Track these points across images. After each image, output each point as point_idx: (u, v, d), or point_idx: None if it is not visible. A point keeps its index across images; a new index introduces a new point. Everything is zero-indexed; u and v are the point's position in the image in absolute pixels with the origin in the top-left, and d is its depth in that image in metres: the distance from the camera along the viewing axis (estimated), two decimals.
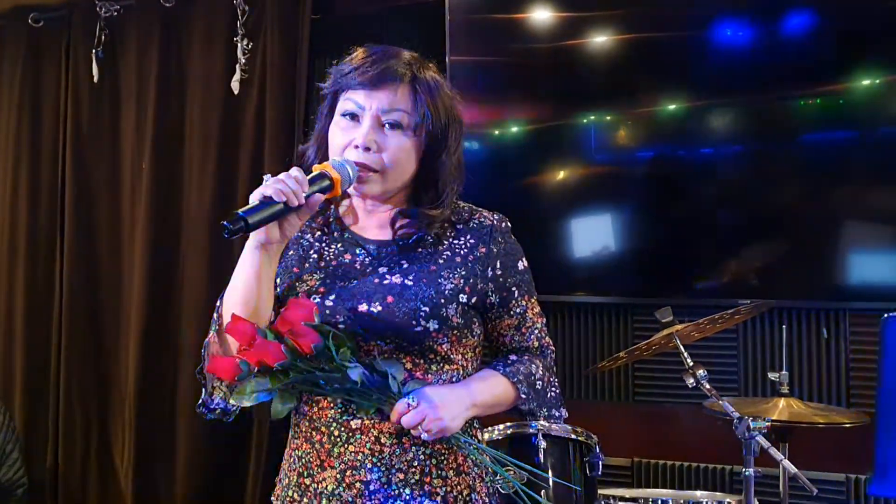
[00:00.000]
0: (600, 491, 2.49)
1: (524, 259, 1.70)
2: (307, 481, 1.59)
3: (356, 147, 1.56)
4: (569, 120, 3.47)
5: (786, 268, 3.16)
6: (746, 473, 2.11)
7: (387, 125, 1.56)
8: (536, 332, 1.71)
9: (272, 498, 1.71)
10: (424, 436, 1.49)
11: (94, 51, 4.27)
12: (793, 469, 1.99)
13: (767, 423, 2.07)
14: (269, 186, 1.46)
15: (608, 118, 3.42)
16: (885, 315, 1.43)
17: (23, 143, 4.44)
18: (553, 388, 1.72)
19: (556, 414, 1.72)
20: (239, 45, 3.95)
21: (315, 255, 1.64)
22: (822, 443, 2.88)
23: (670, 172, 3.34)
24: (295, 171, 1.49)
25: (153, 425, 4.08)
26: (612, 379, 3.44)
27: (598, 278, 3.42)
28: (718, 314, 2.33)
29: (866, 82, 3.03)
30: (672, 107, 3.32)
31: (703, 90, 3.25)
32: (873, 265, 3.06)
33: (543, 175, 3.50)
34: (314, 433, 1.58)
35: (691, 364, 2.21)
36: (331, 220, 1.67)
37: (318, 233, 1.67)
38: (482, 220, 1.66)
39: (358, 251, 1.63)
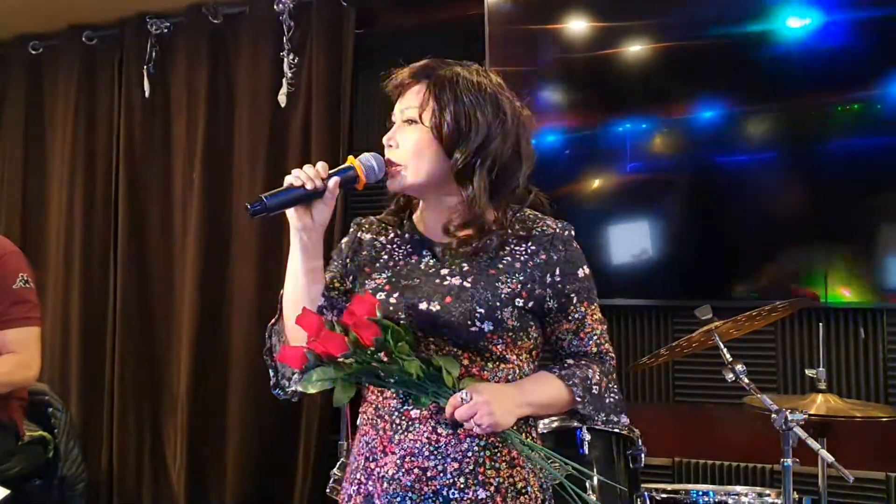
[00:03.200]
0: (642, 486, 2.56)
1: (586, 267, 1.74)
2: (372, 465, 1.67)
3: (387, 147, 1.70)
4: (605, 128, 3.54)
5: (823, 270, 3.20)
6: (785, 464, 2.17)
7: (406, 123, 1.68)
8: (595, 337, 1.73)
9: (333, 483, 1.80)
10: (476, 429, 1.54)
11: (145, 67, 4.42)
12: (830, 458, 2.05)
13: (805, 415, 2.13)
14: (291, 175, 1.60)
15: (644, 126, 3.48)
16: None
17: (78, 157, 4.59)
18: (612, 395, 1.73)
19: (615, 419, 1.73)
20: (285, 59, 4.07)
21: (385, 256, 1.74)
22: (861, 440, 2.91)
23: (706, 179, 3.39)
24: (319, 163, 1.62)
25: (204, 427, 4.20)
26: (652, 380, 3.50)
27: (636, 283, 3.48)
28: (756, 310, 2.39)
29: None
30: (707, 114, 3.36)
31: (738, 97, 3.30)
32: None
33: (581, 183, 3.57)
34: (378, 420, 1.67)
35: (730, 359, 2.27)
36: (404, 222, 1.78)
37: (392, 235, 1.77)
38: (545, 227, 1.72)
39: (424, 252, 1.72)
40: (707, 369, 3.23)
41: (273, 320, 1.74)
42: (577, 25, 3.59)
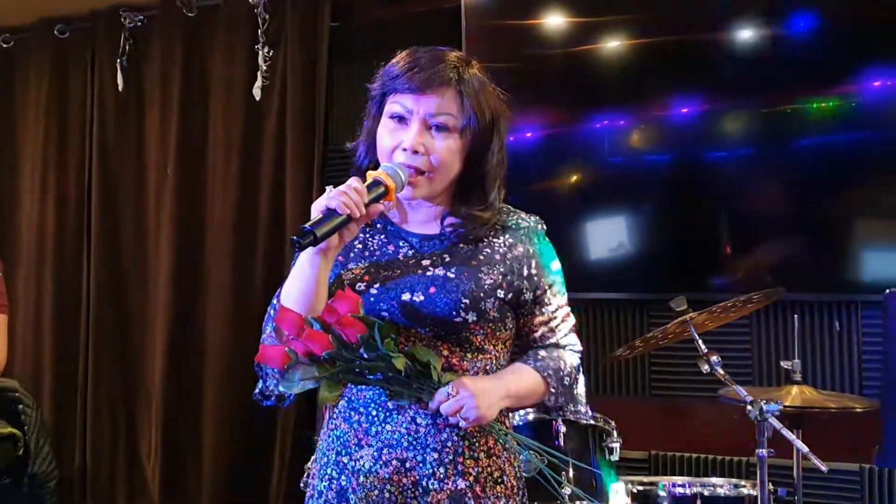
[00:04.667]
0: (619, 478, 2.56)
1: (557, 260, 1.76)
2: (345, 459, 1.65)
3: (404, 150, 1.61)
4: (583, 124, 3.54)
5: (799, 263, 3.23)
6: (760, 455, 2.17)
7: (433, 128, 1.62)
8: (566, 330, 1.77)
9: (307, 478, 1.77)
10: (462, 423, 1.55)
11: (118, 60, 4.38)
12: (804, 448, 2.05)
13: (780, 406, 2.14)
14: (333, 199, 1.52)
15: (622, 122, 3.49)
16: (887, 290, 1.49)
17: (50, 151, 4.55)
18: (579, 385, 1.79)
19: (583, 410, 1.82)
20: (260, 52, 4.05)
21: (360, 246, 1.71)
22: (835, 432, 2.93)
23: (683, 174, 3.40)
24: (355, 182, 1.55)
25: (179, 424, 4.17)
26: (629, 373, 3.50)
27: (614, 276, 3.49)
28: (731, 301, 2.40)
29: (877, 84, 3.09)
30: (685, 110, 3.37)
31: (715, 93, 3.31)
32: (885, 260, 3.12)
33: (559, 178, 3.58)
34: (353, 413, 1.65)
35: (705, 350, 2.27)
36: (378, 218, 1.74)
37: (365, 226, 1.73)
38: (520, 221, 1.73)
39: (401, 244, 1.70)
40: (684, 362, 3.23)
41: (266, 329, 1.67)
42: (554, 21, 3.58)
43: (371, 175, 1.59)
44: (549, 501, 2.15)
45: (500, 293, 1.65)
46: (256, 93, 4.05)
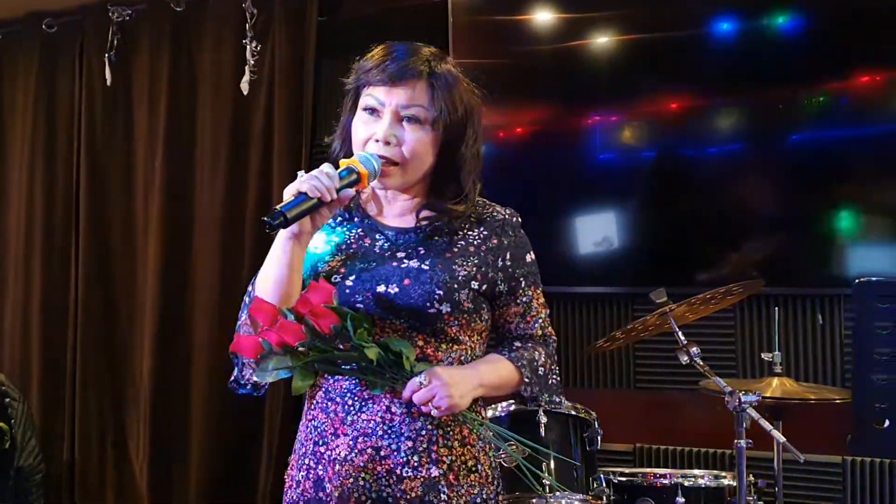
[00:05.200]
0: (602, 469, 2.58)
1: (531, 252, 1.79)
2: (322, 449, 1.67)
3: (377, 141, 1.64)
4: (571, 120, 3.55)
5: (783, 258, 3.25)
6: (739, 445, 2.19)
7: (405, 120, 1.65)
8: (540, 321, 1.79)
9: (288, 469, 1.79)
10: (434, 412, 1.57)
11: (106, 55, 4.37)
12: (781, 438, 2.08)
13: (758, 397, 2.16)
14: (305, 183, 1.55)
15: (609, 118, 3.50)
16: (857, 280, 1.51)
17: (38, 145, 4.55)
18: (554, 376, 1.80)
19: (557, 400, 1.80)
20: (248, 46, 4.05)
21: (336, 239, 1.74)
22: (818, 425, 2.94)
23: (670, 170, 3.42)
24: (327, 167, 1.59)
25: (167, 419, 4.18)
26: (613, 366, 3.52)
27: (600, 271, 3.51)
28: (710, 293, 2.42)
29: (864, 80, 3.10)
30: (672, 106, 3.39)
31: (703, 89, 3.33)
32: (867, 254, 3.15)
33: (548, 174, 3.57)
34: (329, 403, 1.67)
35: (685, 342, 2.30)
36: (352, 206, 1.76)
37: (340, 219, 1.76)
38: (495, 213, 1.76)
39: (377, 236, 1.72)
40: (668, 355, 3.23)
41: (242, 317, 1.70)
42: (542, 17, 3.59)
43: (344, 163, 1.62)
44: (529, 492, 2.18)
45: (475, 284, 1.67)
46: (244, 87, 4.05)
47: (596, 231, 3.52)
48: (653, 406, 3.49)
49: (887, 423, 1.52)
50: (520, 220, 1.79)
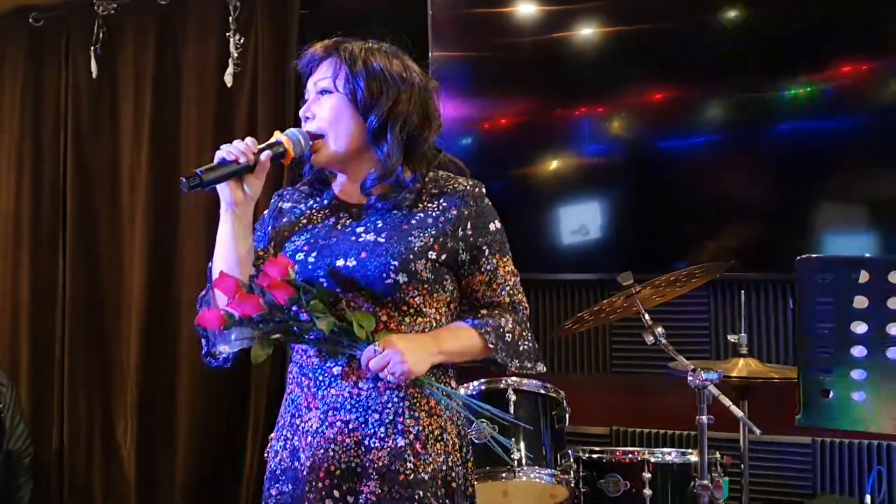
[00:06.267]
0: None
1: (497, 221, 1.82)
2: (297, 421, 1.75)
3: (304, 121, 1.79)
4: (553, 112, 3.60)
5: (756, 245, 3.32)
6: (700, 421, 2.27)
7: (319, 95, 1.78)
8: (508, 288, 1.82)
9: (269, 437, 1.88)
10: (390, 378, 1.63)
11: (92, 48, 4.41)
12: (739, 413, 2.15)
13: (719, 375, 2.23)
14: (223, 150, 1.69)
15: (589, 110, 3.54)
16: (798, 257, 1.58)
17: (25, 139, 4.59)
18: (526, 342, 1.81)
19: (529, 365, 1.81)
20: (231, 40, 4.10)
21: (304, 221, 1.83)
22: (787, 406, 3.00)
23: (649, 160, 3.47)
24: (248, 138, 1.72)
25: (154, 408, 4.23)
26: (590, 351, 3.60)
27: (582, 259, 3.57)
28: (674, 275, 2.49)
29: (845, 69, 3.16)
30: (654, 97, 3.44)
31: (685, 81, 3.39)
32: (842, 243, 3.22)
33: (530, 166, 3.62)
34: (303, 378, 1.75)
35: (650, 322, 2.37)
36: (324, 192, 1.86)
37: (311, 202, 1.85)
38: (456, 185, 1.81)
39: (340, 214, 1.80)
40: (642, 340, 3.33)
41: (203, 292, 1.81)
42: (523, 9, 3.62)
43: (275, 134, 1.74)
44: (498, 466, 2.25)
45: (432, 255, 1.72)
46: (228, 79, 4.11)
47: (576, 220, 3.57)
48: (628, 390, 3.56)
49: (832, 393, 1.58)
50: (483, 190, 1.83)
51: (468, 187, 1.81)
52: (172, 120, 4.28)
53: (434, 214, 1.76)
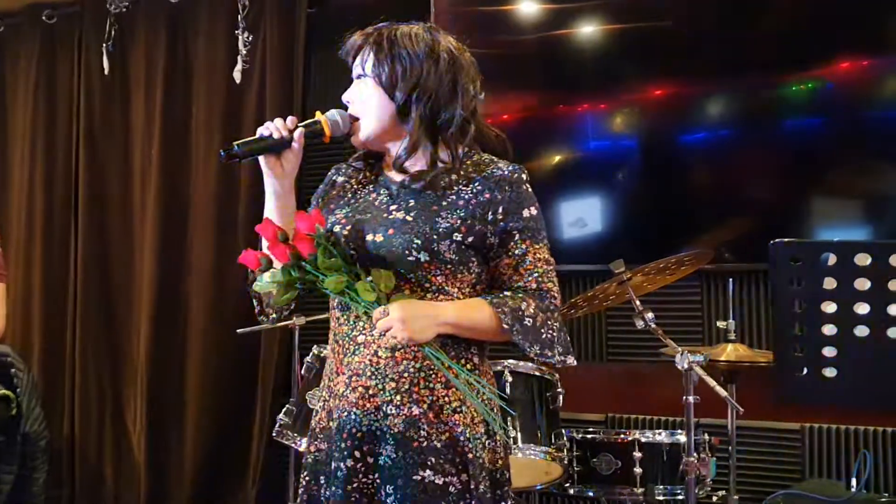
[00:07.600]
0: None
1: (533, 208, 1.83)
2: (331, 385, 1.87)
3: (347, 105, 1.90)
4: (555, 108, 3.68)
5: (748, 238, 3.40)
6: (687, 401, 2.38)
7: (357, 80, 1.89)
8: (537, 274, 1.81)
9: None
10: (392, 341, 1.71)
11: (104, 45, 4.54)
12: (723, 392, 2.26)
13: (704, 358, 2.34)
14: (263, 125, 1.82)
15: (591, 106, 3.63)
16: (772, 242, 1.68)
17: (39, 133, 4.70)
18: (550, 331, 1.79)
19: (550, 353, 1.79)
20: (240, 37, 4.22)
21: (349, 195, 1.93)
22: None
23: (649, 156, 3.56)
24: (290, 117, 1.83)
25: (163, 393, 4.34)
26: (586, 339, 3.70)
27: (581, 250, 3.65)
28: (663, 261, 2.59)
29: (843, 66, 3.24)
30: (655, 93, 3.52)
31: (685, 78, 3.46)
32: (835, 236, 3.30)
33: (533, 161, 3.67)
34: (335, 345, 1.87)
35: (641, 308, 2.47)
36: (374, 169, 1.95)
37: (361, 177, 1.95)
38: (495, 170, 1.85)
39: (381, 191, 1.89)
40: (637, 330, 3.42)
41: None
42: (525, 7, 3.71)
43: (316, 114, 1.86)
44: None
45: (458, 236, 1.77)
46: (237, 76, 4.22)
47: (579, 214, 3.66)
48: (623, 378, 3.66)
49: (805, 370, 1.68)
50: (523, 175, 1.86)
51: (507, 172, 1.84)
52: (183, 115, 4.39)
53: (466, 197, 1.82)
